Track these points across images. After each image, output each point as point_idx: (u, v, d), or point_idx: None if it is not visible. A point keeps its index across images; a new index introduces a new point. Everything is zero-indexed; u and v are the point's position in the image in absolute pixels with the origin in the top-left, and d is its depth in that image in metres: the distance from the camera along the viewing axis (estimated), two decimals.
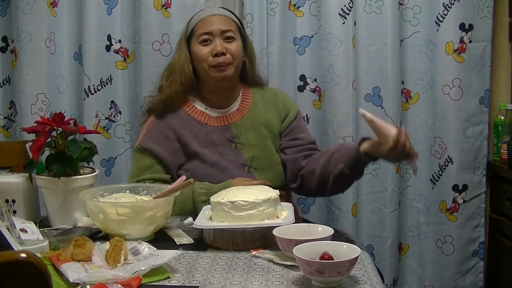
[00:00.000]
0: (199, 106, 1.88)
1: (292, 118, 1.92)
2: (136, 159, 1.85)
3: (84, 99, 2.22)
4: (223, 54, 1.79)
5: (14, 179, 1.67)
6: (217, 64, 1.79)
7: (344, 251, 1.22)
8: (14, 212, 1.65)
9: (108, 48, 2.23)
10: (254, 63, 1.94)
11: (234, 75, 1.84)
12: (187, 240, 1.49)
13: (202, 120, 1.85)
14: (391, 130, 1.57)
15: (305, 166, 1.83)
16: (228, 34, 1.82)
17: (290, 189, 1.92)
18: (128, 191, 1.62)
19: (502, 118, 2.25)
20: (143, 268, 1.21)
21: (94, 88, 2.22)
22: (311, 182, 1.81)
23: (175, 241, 1.49)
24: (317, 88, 2.28)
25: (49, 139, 1.60)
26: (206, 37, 1.81)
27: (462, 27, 2.22)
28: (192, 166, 1.82)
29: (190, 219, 1.62)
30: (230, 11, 1.93)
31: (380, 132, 1.59)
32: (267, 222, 1.42)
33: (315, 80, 2.27)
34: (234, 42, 1.83)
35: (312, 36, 2.25)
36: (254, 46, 2.03)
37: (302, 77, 2.27)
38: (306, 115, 2.28)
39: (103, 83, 2.24)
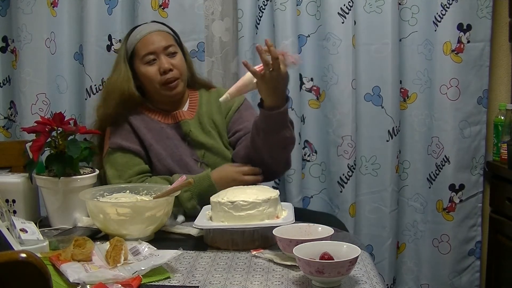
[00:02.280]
0: (151, 107, 1.91)
1: (234, 111, 1.93)
2: (109, 162, 1.83)
3: (86, 99, 2.22)
4: (171, 70, 1.84)
5: (14, 179, 1.67)
6: (166, 81, 1.84)
7: (344, 251, 1.23)
8: (14, 212, 1.65)
9: (109, 48, 2.23)
10: (191, 68, 1.98)
11: (184, 88, 1.90)
12: (190, 229, 1.52)
13: (156, 118, 1.88)
14: (246, 76, 1.65)
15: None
16: (170, 49, 1.86)
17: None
18: (128, 191, 1.62)
19: (502, 118, 2.25)
20: (143, 268, 1.21)
21: (95, 88, 2.22)
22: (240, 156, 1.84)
23: (183, 233, 1.53)
24: (314, 88, 2.28)
25: (49, 139, 1.61)
26: (150, 57, 1.84)
27: (460, 27, 2.22)
28: (155, 161, 1.84)
29: (182, 217, 1.63)
30: (164, 24, 1.96)
31: (243, 87, 1.67)
32: (267, 222, 1.43)
33: (311, 79, 2.28)
34: (177, 55, 1.88)
35: (308, 36, 2.25)
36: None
37: (299, 77, 2.27)
38: (302, 115, 2.28)
39: (104, 83, 2.24)
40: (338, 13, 2.19)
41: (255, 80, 1.63)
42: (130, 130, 1.85)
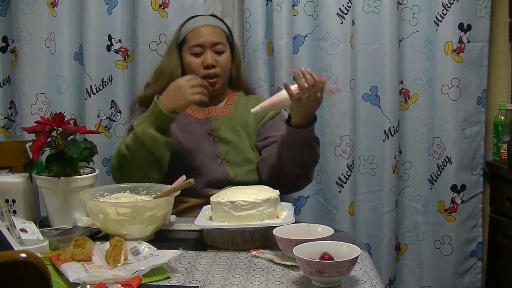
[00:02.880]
0: None
1: (268, 118, 1.97)
2: (127, 133, 1.91)
3: (86, 99, 2.22)
4: (213, 66, 1.90)
5: (14, 179, 1.67)
6: (206, 75, 1.89)
7: (344, 251, 1.23)
8: (14, 212, 1.65)
9: (108, 48, 2.23)
10: (239, 68, 2.03)
11: (221, 87, 1.96)
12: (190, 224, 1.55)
13: (187, 110, 1.90)
14: (282, 94, 1.67)
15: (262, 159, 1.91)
16: (219, 47, 1.92)
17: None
18: (128, 191, 1.62)
19: (502, 118, 2.25)
20: (143, 268, 1.21)
21: (95, 88, 2.22)
22: (265, 172, 1.88)
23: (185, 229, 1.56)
24: None
25: (49, 139, 1.61)
26: (198, 49, 1.91)
27: (461, 27, 2.22)
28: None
29: (173, 216, 1.64)
30: (221, 19, 2.02)
31: (277, 104, 1.69)
32: (267, 222, 1.43)
33: None
34: (224, 54, 1.93)
35: (306, 36, 2.25)
36: (253, 40, 2.14)
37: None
38: None
39: (104, 83, 2.24)
40: (337, 13, 2.19)
41: (288, 100, 1.66)
42: None
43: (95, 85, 2.22)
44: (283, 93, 1.67)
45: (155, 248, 1.30)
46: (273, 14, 2.20)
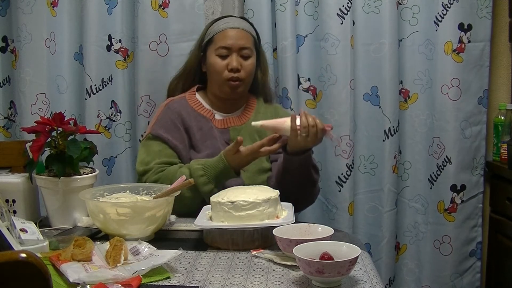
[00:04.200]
0: (206, 105, 1.95)
1: None
2: (145, 147, 1.88)
3: (86, 99, 2.22)
4: (238, 70, 1.88)
5: (14, 179, 1.67)
6: (230, 78, 1.88)
7: (344, 251, 1.23)
8: (14, 212, 1.65)
9: (108, 48, 2.23)
10: (266, 75, 2.02)
11: (243, 91, 1.94)
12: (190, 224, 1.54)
13: (208, 116, 1.92)
14: (286, 123, 1.70)
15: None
16: (245, 52, 1.90)
17: None
18: (128, 191, 1.62)
19: (502, 118, 2.25)
20: (143, 268, 1.21)
21: (95, 88, 2.22)
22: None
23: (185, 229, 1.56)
24: (311, 88, 2.28)
25: (49, 139, 1.61)
26: (224, 51, 1.89)
27: (461, 27, 2.22)
28: (194, 158, 1.85)
29: (173, 216, 1.64)
30: (250, 23, 1.99)
31: (278, 129, 1.71)
32: (267, 222, 1.43)
33: (309, 79, 2.28)
34: (250, 59, 1.91)
35: (306, 36, 2.25)
36: None
37: (297, 77, 2.27)
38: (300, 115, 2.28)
39: (104, 83, 2.24)
40: (337, 13, 2.19)
41: (288, 130, 1.69)
42: (178, 127, 1.88)
43: (95, 85, 2.22)
44: (288, 122, 1.69)
45: (155, 248, 1.30)
46: (277, 14, 2.20)
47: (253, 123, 1.73)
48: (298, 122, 1.69)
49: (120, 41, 2.23)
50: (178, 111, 1.90)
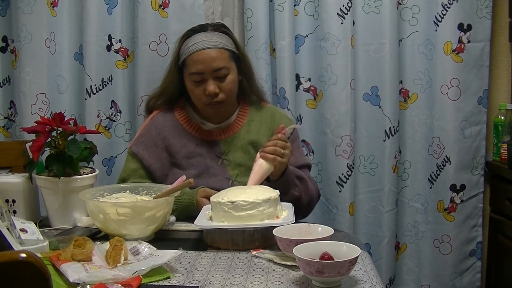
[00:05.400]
0: (194, 118, 1.88)
1: None
2: (126, 160, 1.88)
3: (86, 99, 2.22)
4: (216, 94, 1.77)
5: (14, 179, 1.67)
6: (210, 102, 1.78)
7: (344, 251, 1.23)
8: (14, 212, 1.65)
9: (108, 48, 2.23)
10: (252, 78, 1.91)
11: (230, 106, 1.86)
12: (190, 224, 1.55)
13: (193, 133, 1.85)
14: (264, 165, 1.65)
15: None
16: (221, 72, 1.77)
17: None
18: (128, 191, 1.62)
19: (502, 118, 2.25)
20: (143, 268, 1.21)
21: (95, 88, 2.22)
22: None
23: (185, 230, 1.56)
24: (311, 88, 2.28)
25: (49, 139, 1.61)
26: (198, 77, 1.77)
27: (460, 27, 2.22)
28: (177, 176, 1.73)
29: (173, 217, 1.64)
30: (223, 31, 1.84)
31: (264, 176, 1.66)
32: (267, 222, 1.43)
33: (309, 79, 2.28)
34: (228, 77, 1.78)
35: (306, 36, 2.25)
36: (255, 40, 2.12)
37: (296, 77, 2.27)
38: (300, 115, 2.28)
39: (104, 83, 2.24)
40: (337, 13, 2.19)
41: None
42: (158, 144, 1.83)
43: (95, 85, 2.22)
44: (264, 164, 1.65)
45: (155, 248, 1.30)
46: (275, 14, 2.20)
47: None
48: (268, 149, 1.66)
49: (120, 41, 2.24)
50: (161, 127, 1.84)
